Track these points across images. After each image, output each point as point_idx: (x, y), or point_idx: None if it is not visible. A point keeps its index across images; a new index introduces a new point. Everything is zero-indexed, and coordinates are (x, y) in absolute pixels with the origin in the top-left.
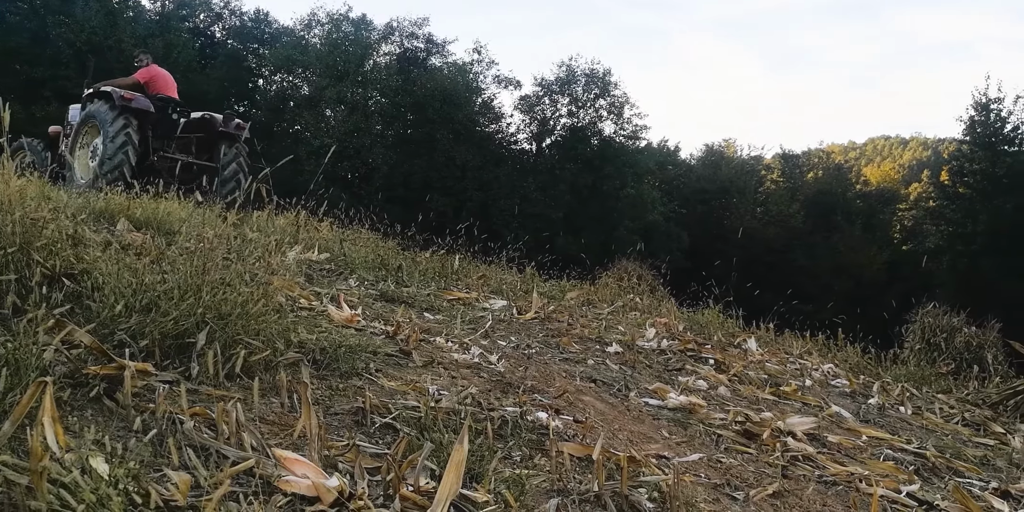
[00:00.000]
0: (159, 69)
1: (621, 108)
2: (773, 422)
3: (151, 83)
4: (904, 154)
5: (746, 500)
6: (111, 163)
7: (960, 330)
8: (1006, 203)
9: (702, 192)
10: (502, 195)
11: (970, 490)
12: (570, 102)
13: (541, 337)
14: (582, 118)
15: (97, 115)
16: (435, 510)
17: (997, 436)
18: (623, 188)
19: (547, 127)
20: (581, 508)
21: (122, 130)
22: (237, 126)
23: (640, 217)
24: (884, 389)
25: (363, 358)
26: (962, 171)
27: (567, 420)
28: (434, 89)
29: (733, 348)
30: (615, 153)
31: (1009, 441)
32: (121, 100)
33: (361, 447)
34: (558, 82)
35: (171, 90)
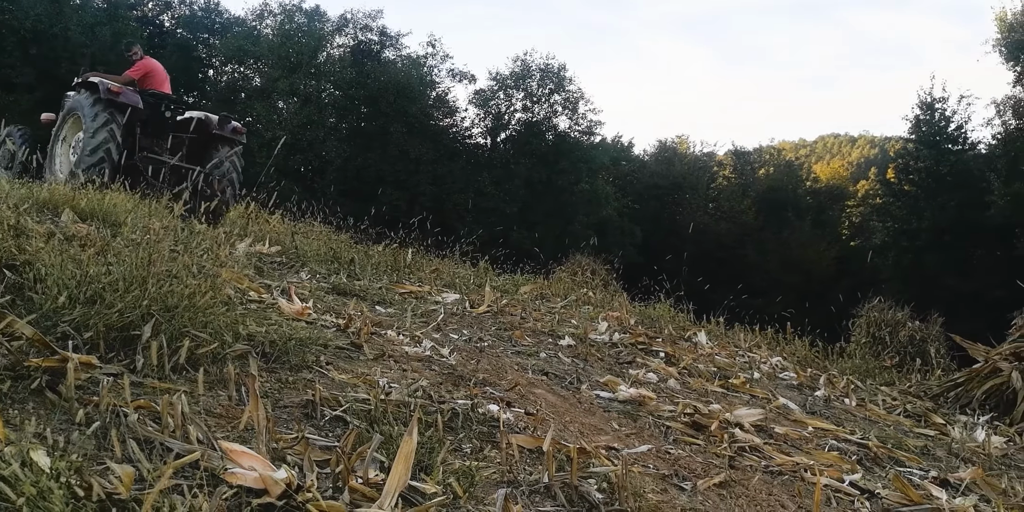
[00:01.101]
0: (154, 62)
1: (576, 103)
2: (721, 414)
3: (146, 78)
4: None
5: (693, 490)
6: (90, 159)
7: (904, 324)
8: (950, 200)
9: (655, 188)
10: (456, 189)
11: (910, 479)
12: (525, 97)
13: (494, 330)
14: (537, 113)
15: (79, 107)
16: (384, 501)
17: (937, 427)
18: (577, 183)
19: (502, 122)
20: (531, 499)
21: (104, 125)
22: (234, 130)
23: (594, 212)
24: (830, 381)
25: (313, 351)
26: (908, 169)
27: (518, 412)
28: (388, 82)
29: (683, 341)
30: (570, 148)
31: (948, 431)
32: (107, 93)
33: (310, 439)
34: (513, 77)
35: (165, 85)
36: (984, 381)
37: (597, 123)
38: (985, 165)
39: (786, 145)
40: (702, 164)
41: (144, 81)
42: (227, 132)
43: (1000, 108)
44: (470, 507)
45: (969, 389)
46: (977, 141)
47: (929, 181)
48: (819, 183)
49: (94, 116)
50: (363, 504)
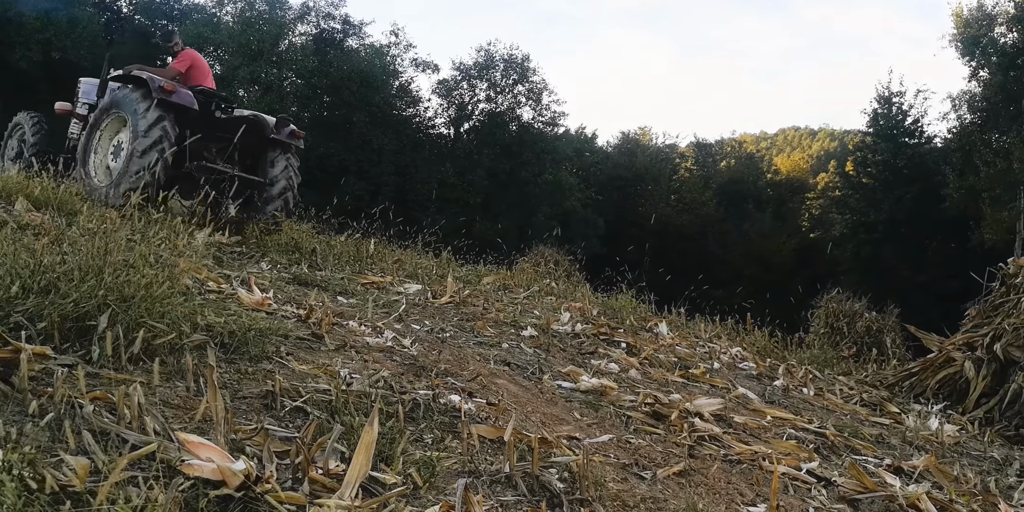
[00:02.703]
0: (196, 54)
1: (540, 94)
2: (681, 404)
3: (190, 72)
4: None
5: (653, 479)
6: (139, 163)
7: (862, 315)
8: (906, 193)
9: (618, 179)
10: (419, 180)
11: (865, 467)
12: (488, 87)
13: (456, 321)
14: (500, 104)
15: (124, 104)
16: (344, 492)
17: (892, 416)
18: (541, 174)
19: (465, 112)
20: (492, 489)
21: (156, 125)
22: (292, 133)
23: (558, 203)
24: (789, 371)
25: (274, 341)
26: (866, 162)
27: (480, 403)
28: (351, 71)
29: (645, 332)
30: (533, 139)
31: (903, 420)
32: (160, 91)
33: (270, 430)
34: (476, 67)
35: (209, 80)
36: (938, 371)
37: (561, 114)
38: (940, 158)
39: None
40: (664, 156)
41: (188, 75)
42: (284, 136)
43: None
44: (431, 497)
45: (923, 378)
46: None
47: (886, 174)
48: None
49: (144, 117)
50: (323, 495)
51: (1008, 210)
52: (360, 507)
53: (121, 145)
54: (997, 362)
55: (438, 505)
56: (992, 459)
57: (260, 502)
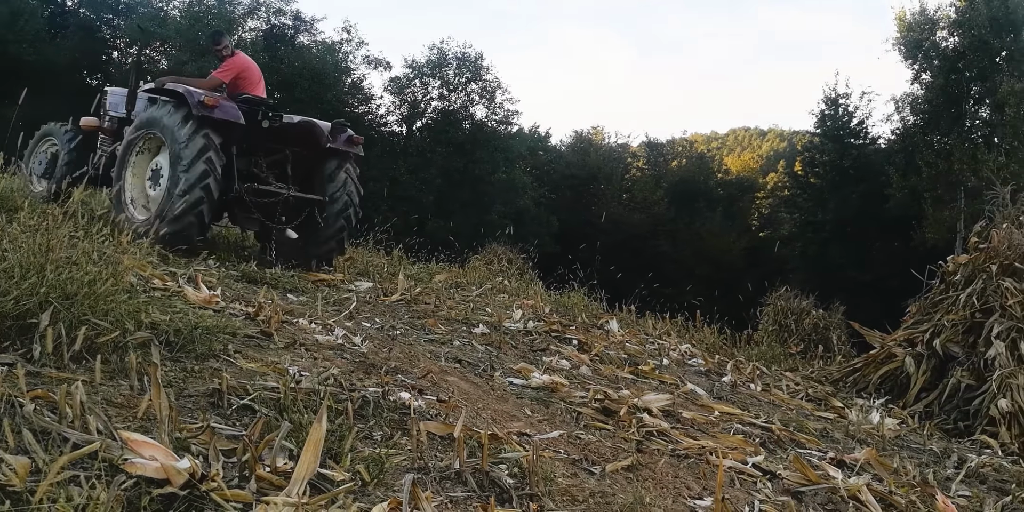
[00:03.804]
0: (247, 59)
1: (493, 93)
2: (630, 399)
3: (238, 81)
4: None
5: (602, 474)
6: (185, 201)
7: (809, 313)
8: (852, 193)
9: (572, 178)
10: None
11: (809, 460)
12: (441, 85)
13: (407, 319)
14: (453, 102)
15: (162, 124)
16: (292, 489)
17: (836, 410)
18: (494, 173)
19: (418, 110)
20: (442, 485)
21: (201, 154)
22: (349, 140)
23: (511, 202)
24: (737, 368)
25: (221, 339)
26: (813, 162)
27: (431, 400)
28: (302, 68)
29: (596, 329)
30: (487, 137)
31: (847, 414)
32: (200, 108)
33: (216, 429)
34: (429, 65)
35: (260, 88)
36: (880, 366)
37: (514, 112)
38: (885, 159)
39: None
40: (617, 155)
41: (235, 84)
42: (341, 144)
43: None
44: (380, 493)
45: (866, 374)
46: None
47: (833, 174)
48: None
49: (186, 140)
50: (271, 492)
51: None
52: (308, 504)
53: (160, 170)
54: (936, 357)
55: (386, 502)
56: (931, 452)
57: (205, 500)
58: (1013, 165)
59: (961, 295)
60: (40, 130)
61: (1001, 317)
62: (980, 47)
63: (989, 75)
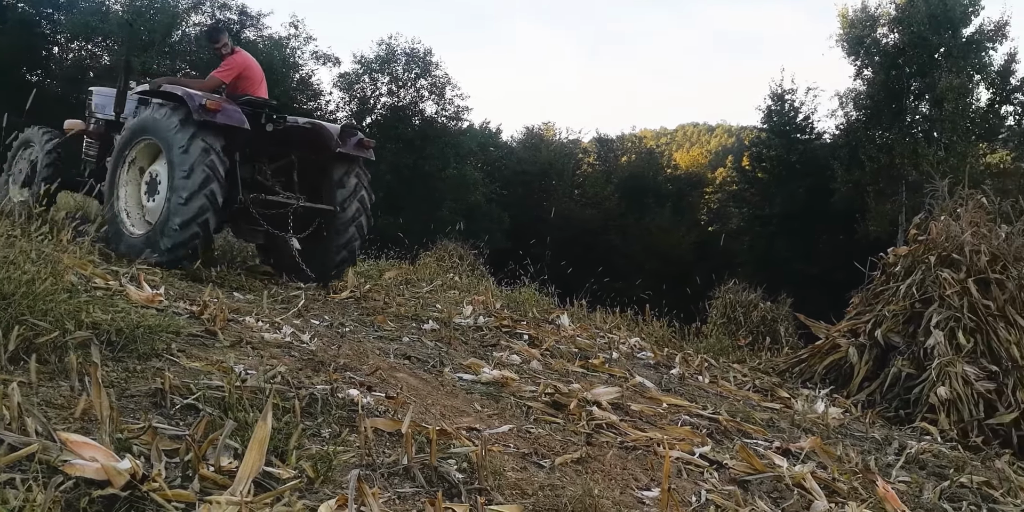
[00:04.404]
0: (248, 57)
1: (443, 88)
2: (580, 393)
3: (239, 81)
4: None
5: (552, 467)
6: (183, 214)
7: (756, 305)
8: (798, 188)
9: (523, 174)
10: None
11: (756, 449)
12: (391, 81)
13: (356, 316)
14: (403, 98)
15: (157, 129)
16: (236, 488)
17: (782, 400)
18: (445, 169)
19: (367, 106)
20: (390, 481)
21: (201, 163)
22: (360, 143)
23: (462, 198)
24: (685, 360)
25: (164, 339)
26: (760, 157)
27: (379, 397)
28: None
29: (547, 324)
30: (437, 133)
31: (792, 404)
32: (201, 112)
33: (159, 429)
34: (378, 60)
35: (262, 88)
36: (825, 357)
37: (464, 108)
38: (830, 154)
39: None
40: (568, 151)
41: (236, 85)
42: (351, 148)
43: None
44: (327, 491)
45: (812, 364)
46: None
47: (780, 169)
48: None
49: (186, 152)
50: (215, 492)
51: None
52: (252, 502)
53: (157, 179)
54: (878, 347)
55: (334, 499)
56: (873, 439)
57: (147, 501)
58: (952, 159)
59: (901, 286)
60: (20, 136)
61: (939, 307)
62: (919, 44)
63: (928, 71)
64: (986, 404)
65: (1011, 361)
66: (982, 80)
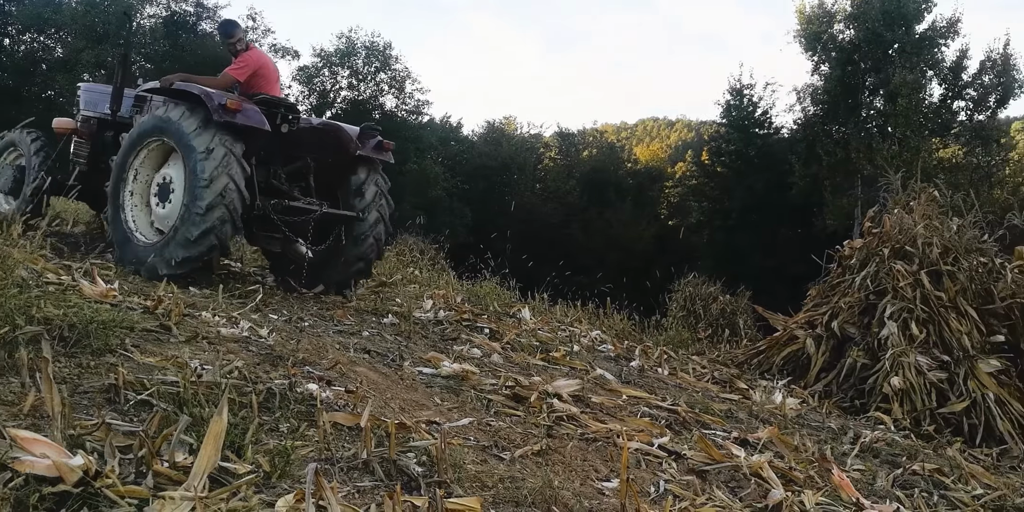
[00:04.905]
0: (262, 55)
1: (403, 82)
2: (541, 385)
3: (253, 79)
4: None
5: (512, 459)
6: (201, 225)
7: (716, 298)
8: (757, 182)
9: (484, 168)
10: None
11: (714, 440)
12: (351, 74)
13: (315, 310)
14: (363, 91)
15: (173, 131)
16: (191, 483)
17: (741, 391)
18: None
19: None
20: (349, 475)
21: (224, 167)
22: (379, 146)
23: (423, 192)
24: (645, 352)
25: (118, 334)
26: (720, 151)
27: (339, 391)
28: (205, 56)
29: (508, 318)
30: (397, 128)
31: (751, 395)
32: (222, 113)
33: (112, 425)
34: (338, 54)
35: (276, 87)
36: (783, 348)
37: (425, 103)
38: (787, 148)
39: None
40: (529, 145)
41: (251, 83)
42: (370, 151)
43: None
44: (285, 486)
45: (770, 356)
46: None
47: (739, 163)
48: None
49: (206, 152)
50: (169, 487)
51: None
52: (207, 497)
53: (170, 184)
54: (835, 338)
55: (292, 494)
56: (829, 429)
57: (100, 498)
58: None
59: (856, 278)
60: (3, 139)
61: (893, 298)
62: (874, 40)
63: (883, 67)
64: (938, 393)
65: (962, 351)
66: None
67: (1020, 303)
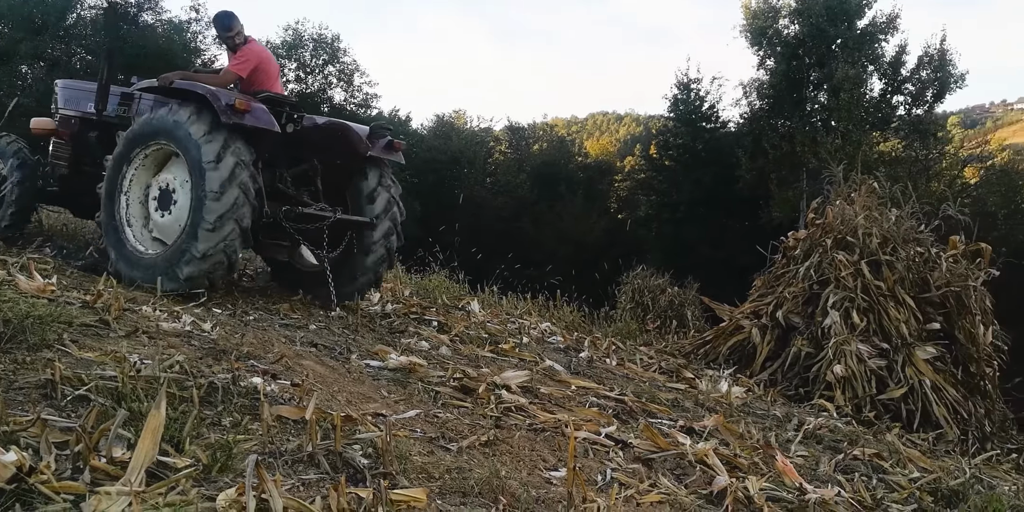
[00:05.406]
0: (262, 50)
1: (351, 75)
2: (489, 377)
3: (255, 74)
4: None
5: (459, 450)
6: (212, 239)
7: (664, 290)
8: (704, 175)
9: (434, 162)
10: None
11: (660, 428)
12: (298, 67)
13: (261, 304)
14: (311, 85)
15: (178, 134)
16: (129, 478)
17: (687, 381)
18: None
19: None
20: (294, 468)
21: (233, 177)
22: (389, 146)
23: None
24: (594, 344)
25: (56, 329)
26: (667, 145)
27: (284, 384)
28: (147, 48)
29: (457, 310)
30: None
31: (697, 385)
32: (230, 113)
33: (49, 420)
34: (284, 46)
35: (277, 83)
36: (729, 338)
37: (374, 96)
38: (734, 142)
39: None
40: (479, 139)
41: (252, 79)
42: (380, 151)
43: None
44: (227, 479)
45: (716, 346)
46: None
47: (687, 157)
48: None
49: (214, 160)
50: (106, 483)
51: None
52: (145, 492)
53: (171, 191)
54: (779, 328)
55: (234, 488)
56: (774, 416)
57: (35, 494)
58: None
59: (800, 268)
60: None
61: (836, 288)
62: (818, 35)
63: (826, 62)
64: (878, 380)
65: (900, 338)
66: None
67: (955, 291)
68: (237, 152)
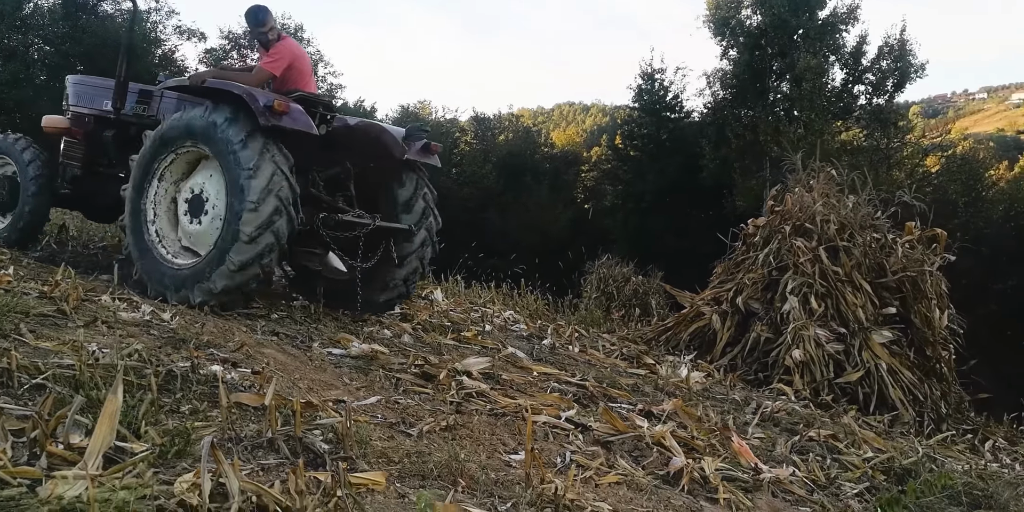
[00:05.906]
0: (296, 47)
1: (315, 66)
2: (450, 363)
3: (289, 73)
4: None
5: (420, 435)
6: (248, 251)
7: (629, 279)
8: (669, 165)
9: None
10: None
11: (619, 412)
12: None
13: None
14: None
15: (213, 136)
16: (87, 462)
17: (648, 367)
18: None
19: None
20: (253, 454)
21: (272, 187)
22: (425, 148)
23: None
24: (557, 331)
25: (12, 319)
26: (632, 135)
27: (245, 372)
28: (106, 38)
29: (420, 299)
30: None
31: (657, 370)
32: (269, 115)
33: (5, 408)
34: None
35: (311, 81)
36: (690, 324)
37: (338, 86)
38: (698, 132)
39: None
40: (445, 130)
41: (285, 77)
42: (416, 154)
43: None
44: (186, 465)
45: (677, 332)
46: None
47: (651, 147)
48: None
49: (252, 168)
50: (63, 468)
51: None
52: (102, 475)
53: (204, 196)
54: (739, 314)
55: (191, 472)
56: (733, 400)
57: None
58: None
59: (760, 255)
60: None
61: (794, 274)
62: (780, 25)
63: (788, 52)
64: (835, 364)
65: (857, 323)
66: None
67: (910, 276)
68: (275, 160)
